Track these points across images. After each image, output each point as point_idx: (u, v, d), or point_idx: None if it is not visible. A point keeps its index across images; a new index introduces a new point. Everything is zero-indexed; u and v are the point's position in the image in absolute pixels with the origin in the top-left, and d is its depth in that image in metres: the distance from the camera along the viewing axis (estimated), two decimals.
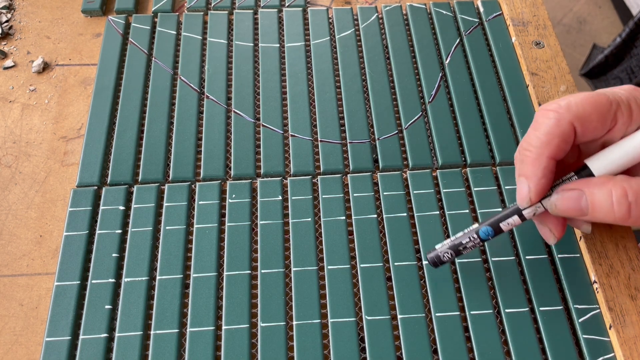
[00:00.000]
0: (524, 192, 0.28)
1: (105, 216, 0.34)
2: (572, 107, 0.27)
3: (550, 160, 0.27)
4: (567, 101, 0.27)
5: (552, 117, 0.27)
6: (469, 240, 0.29)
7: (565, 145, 0.27)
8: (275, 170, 0.36)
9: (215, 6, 0.44)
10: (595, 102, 0.27)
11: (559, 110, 0.27)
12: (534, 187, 0.27)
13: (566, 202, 0.28)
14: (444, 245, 0.30)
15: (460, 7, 0.44)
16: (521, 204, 0.28)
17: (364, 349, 0.30)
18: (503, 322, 0.31)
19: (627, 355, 0.29)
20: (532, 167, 0.27)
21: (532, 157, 0.27)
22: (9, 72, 0.41)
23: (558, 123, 0.27)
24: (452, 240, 0.30)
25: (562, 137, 0.27)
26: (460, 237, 0.30)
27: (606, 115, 0.27)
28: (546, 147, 0.27)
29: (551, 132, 0.27)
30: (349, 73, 0.40)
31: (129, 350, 0.30)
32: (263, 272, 0.32)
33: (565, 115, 0.27)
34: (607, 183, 0.26)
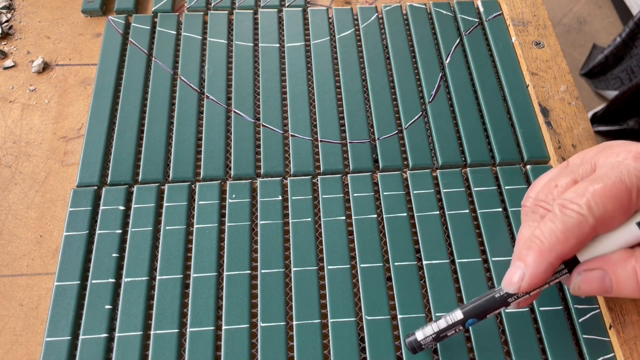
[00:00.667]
0: (515, 279, 0.26)
1: (105, 216, 0.34)
2: (594, 210, 0.25)
3: (558, 259, 0.25)
4: (587, 201, 0.25)
5: (574, 217, 0.25)
6: (454, 332, 0.28)
7: (579, 247, 0.26)
8: (275, 170, 0.36)
9: (215, 6, 0.44)
10: (615, 197, 0.25)
11: (583, 212, 0.25)
12: (528, 279, 0.26)
13: (590, 284, 0.26)
14: (426, 336, 0.28)
15: (460, 7, 0.44)
16: (507, 287, 0.26)
17: (364, 349, 0.30)
18: (503, 322, 0.31)
19: (627, 355, 0.29)
20: (537, 258, 0.25)
21: (541, 248, 0.25)
22: (9, 72, 0.41)
23: (580, 225, 0.25)
24: (435, 332, 0.28)
25: (579, 240, 0.25)
26: (444, 328, 0.28)
27: (628, 208, 0.25)
28: (560, 246, 0.25)
29: (570, 232, 0.25)
30: (349, 73, 0.40)
31: (129, 350, 0.30)
32: (263, 272, 0.32)
33: (589, 220, 0.25)
34: (629, 260, 0.26)
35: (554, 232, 0.25)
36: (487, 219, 0.34)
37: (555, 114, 0.38)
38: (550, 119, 0.38)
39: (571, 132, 0.37)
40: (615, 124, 1.09)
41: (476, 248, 0.33)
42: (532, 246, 0.26)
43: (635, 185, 0.25)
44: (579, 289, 0.27)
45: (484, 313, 0.27)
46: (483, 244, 0.33)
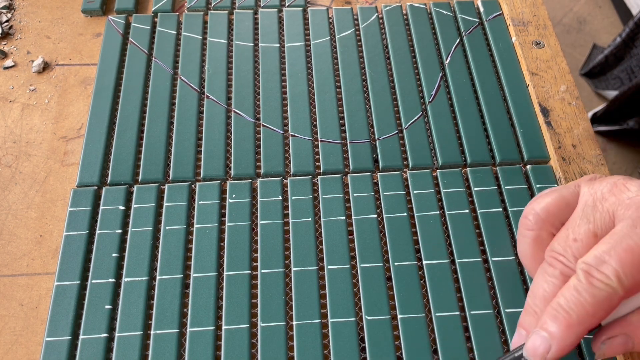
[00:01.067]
0: (541, 351, 0.25)
1: (105, 216, 0.34)
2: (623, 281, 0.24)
3: (586, 331, 0.24)
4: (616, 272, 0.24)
5: (604, 290, 0.24)
6: None
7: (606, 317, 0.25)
8: (275, 170, 0.36)
9: (215, 6, 0.44)
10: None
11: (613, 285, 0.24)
12: (556, 352, 0.24)
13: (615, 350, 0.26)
14: None
15: (460, 7, 0.44)
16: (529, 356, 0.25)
17: (364, 349, 0.30)
18: (503, 322, 0.31)
19: (627, 355, 0.29)
20: (565, 332, 0.24)
21: (569, 322, 0.24)
22: (9, 72, 0.41)
23: (610, 298, 0.24)
24: None
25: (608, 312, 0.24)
26: None
27: None
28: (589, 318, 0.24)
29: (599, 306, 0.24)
30: (349, 73, 0.40)
31: (129, 350, 0.30)
32: (263, 272, 0.32)
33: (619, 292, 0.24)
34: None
35: (583, 306, 0.24)
36: (487, 219, 0.34)
37: (555, 114, 0.38)
38: (550, 119, 0.38)
39: (571, 132, 0.37)
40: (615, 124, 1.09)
41: (476, 248, 0.33)
42: (559, 317, 0.24)
43: None
44: (604, 354, 0.27)
45: None
46: (483, 244, 0.33)
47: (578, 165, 0.36)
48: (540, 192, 0.34)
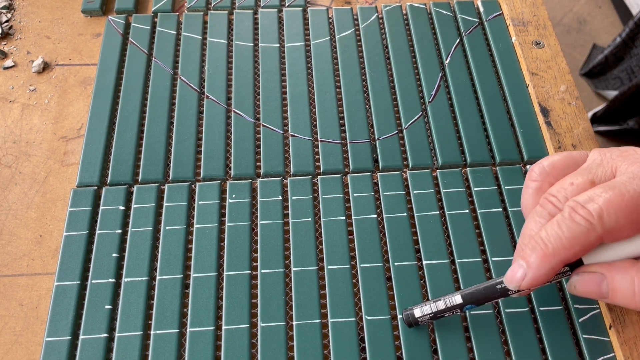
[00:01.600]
0: (517, 277, 0.26)
1: (105, 216, 0.34)
2: (604, 220, 0.25)
3: (561, 263, 0.26)
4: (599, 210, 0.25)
5: (582, 224, 0.25)
6: (451, 313, 0.29)
7: (583, 253, 0.26)
8: (275, 170, 0.36)
9: (215, 6, 0.44)
10: (629, 210, 0.24)
11: (592, 221, 0.25)
12: (529, 280, 0.26)
13: (586, 285, 0.27)
14: (424, 314, 0.29)
15: (460, 7, 0.44)
16: (509, 284, 0.27)
17: (364, 349, 0.30)
18: (503, 322, 0.31)
19: (627, 355, 0.29)
20: (540, 261, 0.26)
21: (545, 252, 0.25)
22: (9, 72, 0.41)
23: (587, 234, 0.25)
24: (433, 312, 0.29)
25: (584, 248, 0.25)
26: (442, 310, 0.29)
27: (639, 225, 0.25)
28: (564, 251, 0.25)
29: (576, 240, 0.25)
30: (349, 73, 0.40)
31: (129, 350, 0.30)
32: (263, 272, 0.32)
33: (597, 229, 0.25)
34: (630, 269, 0.26)
35: (560, 238, 0.25)
36: (487, 219, 0.34)
37: (555, 114, 0.38)
38: (550, 119, 0.38)
39: (571, 132, 0.37)
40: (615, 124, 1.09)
41: (476, 248, 0.33)
42: (537, 248, 0.26)
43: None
44: (574, 289, 0.27)
45: (482, 300, 0.28)
46: (483, 244, 0.33)
47: None
48: None
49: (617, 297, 0.26)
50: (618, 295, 0.26)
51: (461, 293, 0.29)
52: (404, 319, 0.30)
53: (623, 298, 0.26)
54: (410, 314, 0.29)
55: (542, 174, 0.29)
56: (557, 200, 0.27)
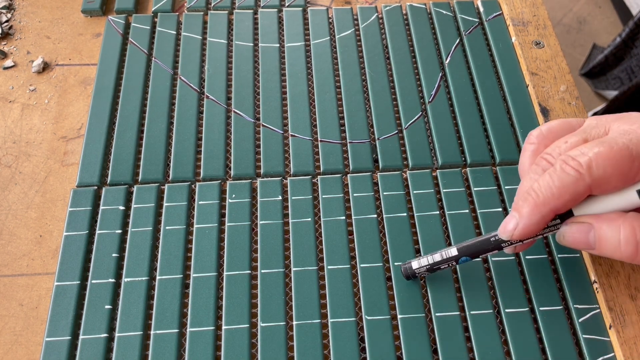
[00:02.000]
0: (509, 227, 0.27)
1: (105, 216, 0.34)
2: (593, 170, 0.25)
3: (551, 212, 0.26)
4: (589, 161, 0.26)
5: (572, 173, 0.26)
6: (447, 265, 0.30)
7: (573, 203, 0.27)
8: (275, 170, 0.36)
9: (215, 6, 0.44)
10: (617, 161, 0.25)
11: (581, 171, 0.26)
12: (521, 229, 0.27)
13: (575, 235, 0.27)
14: (421, 266, 0.30)
15: (460, 7, 0.44)
16: (502, 234, 0.28)
17: (364, 349, 0.30)
18: (503, 322, 0.31)
19: (627, 355, 0.29)
20: (531, 210, 0.27)
21: (535, 202, 0.26)
22: (9, 72, 0.41)
23: (576, 183, 0.26)
24: (430, 263, 0.30)
25: (573, 197, 0.26)
26: (438, 261, 0.30)
27: (627, 174, 0.26)
28: (554, 200, 0.26)
29: (565, 189, 0.26)
30: (349, 73, 0.40)
31: (129, 350, 0.30)
32: (263, 272, 0.32)
33: (586, 178, 0.26)
34: (617, 220, 0.26)
35: (550, 187, 0.26)
36: (487, 219, 0.34)
37: (555, 114, 0.38)
38: (550, 119, 0.38)
39: None
40: None
41: None
42: (528, 199, 0.27)
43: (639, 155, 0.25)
44: (563, 238, 0.28)
45: (477, 253, 0.30)
46: None
47: None
48: None
49: (603, 246, 0.27)
50: (604, 245, 0.27)
51: (457, 246, 0.30)
52: (402, 272, 0.31)
53: (609, 248, 0.26)
54: (408, 266, 0.31)
55: (539, 137, 0.30)
56: (551, 157, 0.28)
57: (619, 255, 0.26)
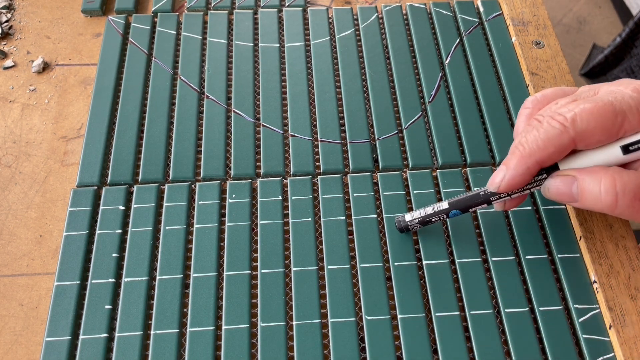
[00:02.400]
0: (497, 179, 0.29)
1: (105, 216, 0.34)
2: (577, 124, 0.27)
3: (536, 164, 0.28)
4: (573, 115, 0.27)
5: (557, 127, 0.27)
6: (438, 218, 0.32)
7: (558, 156, 0.28)
8: (275, 170, 0.36)
9: (215, 6, 0.44)
10: (600, 116, 0.27)
11: (566, 124, 0.27)
12: (507, 180, 0.28)
13: (558, 187, 0.28)
14: (414, 218, 0.32)
15: (460, 7, 0.44)
16: (490, 186, 0.29)
17: (364, 349, 0.30)
18: (503, 322, 0.31)
19: (627, 355, 0.29)
20: (517, 162, 0.28)
21: (522, 154, 0.28)
22: (9, 72, 0.41)
23: (560, 135, 0.27)
24: (422, 216, 0.32)
25: (558, 150, 0.27)
26: (430, 214, 0.32)
27: (611, 129, 0.27)
28: (539, 152, 0.27)
29: (550, 141, 0.27)
30: (349, 73, 0.40)
31: (129, 350, 0.30)
32: (263, 272, 0.32)
33: (570, 132, 0.27)
34: (599, 172, 0.27)
35: (536, 140, 0.28)
36: (487, 219, 0.34)
37: None
38: None
39: None
40: None
41: (476, 248, 0.33)
42: (515, 152, 0.28)
43: (623, 110, 0.27)
44: (548, 191, 0.29)
45: (467, 207, 0.31)
46: (483, 244, 0.33)
47: None
48: (540, 192, 0.35)
49: (585, 197, 0.28)
50: (586, 197, 0.28)
51: (448, 200, 0.31)
52: (396, 225, 0.33)
53: (590, 199, 0.27)
54: (402, 219, 0.32)
55: (533, 102, 0.31)
56: (542, 117, 0.29)
57: (600, 205, 0.27)
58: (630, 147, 0.27)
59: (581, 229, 0.33)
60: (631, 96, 0.27)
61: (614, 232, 0.33)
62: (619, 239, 0.32)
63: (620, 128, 0.27)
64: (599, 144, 0.28)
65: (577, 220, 0.33)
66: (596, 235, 0.32)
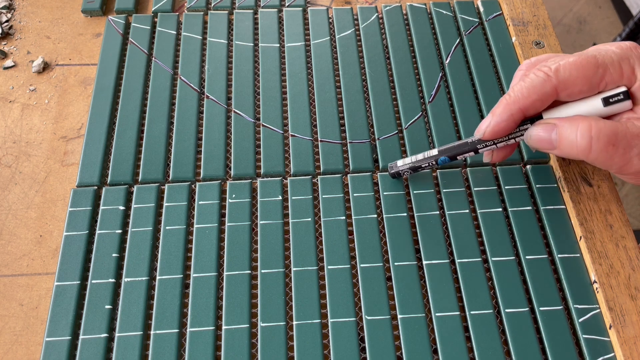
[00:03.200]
0: (483, 126, 0.31)
1: (105, 216, 0.34)
2: (559, 73, 0.28)
3: (520, 112, 0.29)
4: (557, 65, 0.29)
5: (541, 76, 0.29)
6: (428, 165, 0.33)
7: (540, 104, 0.29)
8: (275, 170, 0.36)
9: (215, 6, 0.44)
10: (582, 67, 0.28)
11: (549, 74, 0.29)
12: (492, 126, 0.30)
13: (539, 134, 0.30)
14: (405, 164, 0.34)
15: (460, 7, 0.44)
16: (477, 133, 0.31)
17: (364, 349, 0.30)
18: (503, 322, 0.31)
19: (627, 355, 0.29)
20: (502, 109, 0.30)
21: (507, 101, 0.30)
22: (9, 72, 0.41)
23: (543, 84, 0.29)
24: (412, 162, 0.33)
25: (540, 98, 0.29)
26: (420, 160, 0.33)
27: (592, 80, 0.28)
28: (523, 99, 0.29)
29: (534, 89, 0.29)
30: (349, 73, 0.40)
31: (129, 350, 0.30)
32: (263, 272, 0.32)
33: (552, 80, 0.29)
34: (577, 119, 0.29)
35: (521, 88, 0.29)
36: (487, 219, 0.34)
37: None
38: None
39: None
40: None
41: (476, 248, 0.33)
42: (502, 101, 0.30)
43: (605, 63, 0.28)
44: (530, 138, 0.30)
45: (455, 154, 0.32)
46: (483, 244, 0.33)
47: (578, 165, 0.36)
48: (540, 192, 0.35)
49: (562, 144, 0.29)
50: (563, 142, 0.29)
51: (438, 148, 0.33)
52: (389, 171, 0.35)
53: (566, 144, 0.29)
54: (394, 164, 0.34)
55: (527, 65, 0.33)
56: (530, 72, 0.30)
57: (575, 150, 0.28)
58: (611, 99, 0.29)
59: (581, 229, 0.33)
60: (614, 51, 0.29)
61: (614, 232, 0.33)
62: (619, 239, 0.32)
63: (601, 79, 0.28)
64: (580, 94, 0.29)
65: (577, 220, 0.33)
66: (596, 235, 0.32)
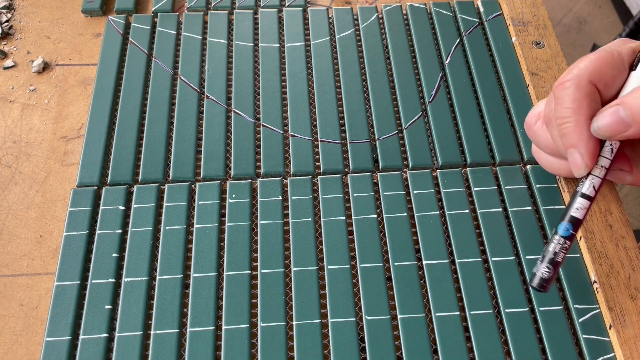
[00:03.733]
0: (578, 161, 0.28)
1: (105, 216, 0.34)
2: (583, 70, 0.28)
3: (589, 122, 0.28)
4: (577, 67, 0.28)
5: (569, 86, 0.28)
6: (556, 244, 0.27)
7: (595, 103, 0.28)
8: (275, 170, 0.36)
9: (215, 6, 0.44)
10: (602, 58, 0.28)
11: (573, 78, 0.28)
12: (585, 152, 0.27)
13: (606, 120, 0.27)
14: (540, 266, 0.28)
15: (460, 7, 0.44)
16: (579, 172, 0.28)
17: (364, 349, 0.30)
18: (503, 322, 0.31)
19: (627, 355, 0.29)
20: (576, 134, 0.27)
21: (572, 126, 0.27)
22: (9, 72, 0.41)
23: (578, 87, 0.27)
24: (542, 256, 0.28)
25: (588, 97, 0.28)
26: (547, 249, 0.28)
27: (618, 66, 0.28)
28: (580, 111, 0.27)
29: (577, 98, 0.27)
30: (349, 73, 0.40)
31: (129, 350, 0.30)
32: (263, 272, 0.32)
33: (582, 78, 0.28)
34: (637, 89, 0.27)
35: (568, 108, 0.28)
36: (487, 219, 0.34)
37: None
38: None
39: None
40: None
41: (476, 248, 0.33)
42: (565, 130, 0.28)
43: (616, 50, 0.28)
44: (598, 128, 0.27)
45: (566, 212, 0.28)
46: (483, 244, 0.33)
47: None
48: (540, 192, 0.35)
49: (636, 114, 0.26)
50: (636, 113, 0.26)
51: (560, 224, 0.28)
52: (537, 288, 0.27)
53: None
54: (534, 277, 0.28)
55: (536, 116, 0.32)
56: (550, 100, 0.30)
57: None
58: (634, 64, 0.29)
59: (581, 229, 0.33)
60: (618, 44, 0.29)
61: (614, 232, 0.33)
62: (619, 239, 0.32)
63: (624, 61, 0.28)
64: (615, 81, 0.28)
65: None
66: (596, 235, 0.32)
